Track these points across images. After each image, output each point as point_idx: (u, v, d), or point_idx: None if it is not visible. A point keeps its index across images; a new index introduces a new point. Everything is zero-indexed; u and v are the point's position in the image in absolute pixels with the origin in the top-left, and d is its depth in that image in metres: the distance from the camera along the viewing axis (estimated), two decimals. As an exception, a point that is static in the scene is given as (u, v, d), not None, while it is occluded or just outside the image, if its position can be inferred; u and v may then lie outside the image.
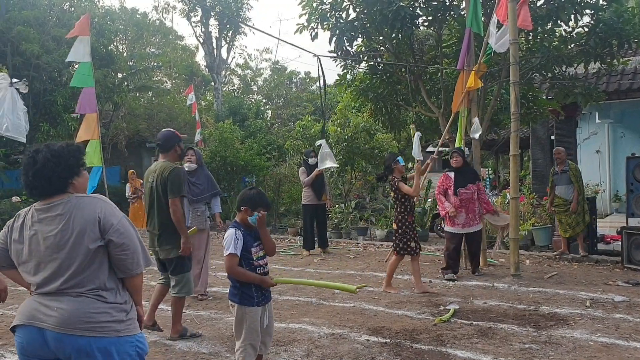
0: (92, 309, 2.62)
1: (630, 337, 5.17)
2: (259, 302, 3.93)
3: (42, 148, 2.73)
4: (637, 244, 8.43)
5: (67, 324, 2.57)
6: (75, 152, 2.79)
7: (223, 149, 16.34)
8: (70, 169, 2.74)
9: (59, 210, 2.66)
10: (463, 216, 8.08)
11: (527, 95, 10.44)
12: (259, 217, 3.94)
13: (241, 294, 3.92)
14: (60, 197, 2.70)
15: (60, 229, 2.63)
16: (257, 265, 3.94)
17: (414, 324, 5.76)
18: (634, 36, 9.04)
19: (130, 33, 25.75)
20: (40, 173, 2.67)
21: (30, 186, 2.71)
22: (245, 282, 3.90)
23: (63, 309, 2.59)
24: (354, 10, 10.05)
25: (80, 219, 2.64)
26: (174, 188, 5.30)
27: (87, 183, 2.87)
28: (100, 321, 2.61)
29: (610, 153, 15.59)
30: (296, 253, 10.65)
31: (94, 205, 2.70)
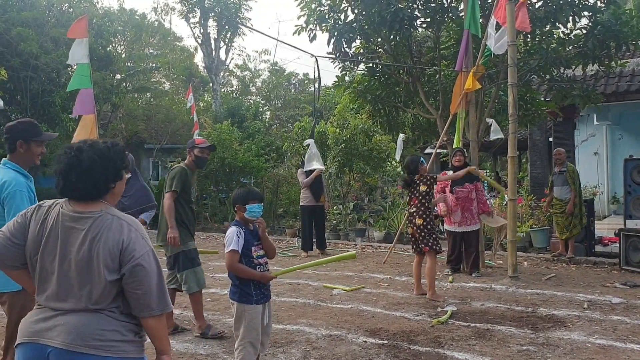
0: (103, 326, 2.40)
1: (627, 339, 5.18)
2: (257, 300, 3.94)
3: (86, 147, 2.50)
4: (634, 246, 8.44)
5: (74, 339, 2.36)
6: (120, 154, 2.59)
7: (221, 150, 16.34)
8: (117, 172, 2.55)
9: (87, 226, 2.42)
10: (459, 214, 8.30)
11: (525, 97, 10.45)
12: (258, 223, 3.99)
13: (240, 292, 3.94)
14: (93, 207, 2.47)
15: (84, 250, 2.40)
16: (257, 263, 3.96)
17: (411, 326, 5.76)
18: (632, 38, 9.07)
19: (129, 34, 25.73)
20: (86, 175, 2.44)
21: (70, 188, 2.47)
22: (244, 279, 3.92)
23: (72, 323, 2.38)
24: (352, 11, 10.06)
25: (105, 243, 2.40)
26: (168, 182, 5.71)
27: (124, 186, 2.67)
28: (110, 339, 2.40)
29: (608, 155, 15.61)
30: (294, 254, 10.65)
31: (121, 230, 2.44)
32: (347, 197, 16.16)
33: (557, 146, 12.37)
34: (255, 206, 3.97)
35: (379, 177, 17.87)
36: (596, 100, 10.06)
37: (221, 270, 9.08)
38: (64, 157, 2.50)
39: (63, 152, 2.52)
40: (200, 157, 5.87)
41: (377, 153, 15.27)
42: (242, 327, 3.92)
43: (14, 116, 17.45)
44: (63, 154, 2.51)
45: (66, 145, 2.57)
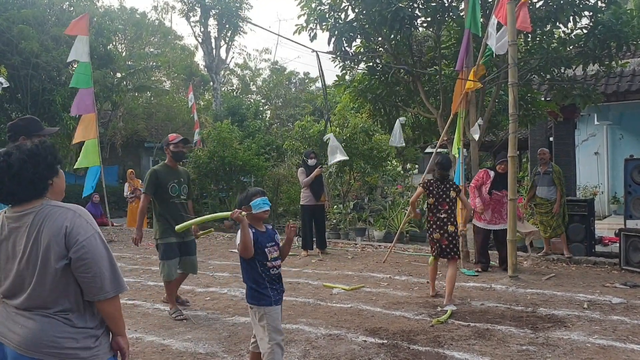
0: (58, 333, 2.42)
1: (627, 339, 5.17)
2: (276, 301, 3.92)
3: (13, 150, 2.48)
4: (634, 246, 8.43)
5: (29, 345, 2.40)
6: (51, 149, 2.56)
7: (221, 149, 16.33)
8: (50, 168, 2.52)
9: (29, 221, 2.44)
10: (489, 213, 8.60)
11: (525, 97, 10.45)
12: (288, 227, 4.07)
13: (258, 295, 3.90)
14: (34, 204, 2.47)
15: (31, 244, 2.42)
16: (270, 266, 3.94)
17: (411, 325, 5.76)
18: (633, 38, 9.05)
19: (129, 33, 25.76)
20: (18, 177, 2.43)
21: (6, 192, 2.46)
22: (261, 283, 3.90)
23: (28, 328, 2.42)
24: (352, 11, 10.04)
25: (48, 231, 2.41)
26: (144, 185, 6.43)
27: (64, 182, 2.68)
28: (65, 347, 2.42)
29: (609, 155, 15.61)
30: (294, 253, 10.62)
31: (63, 217, 2.45)
32: (347, 196, 16.15)
33: (557, 146, 12.39)
34: (259, 200, 3.94)
35: (379, 176, 17.85)
36: (597, 100, 10.06)
37: (221, 269, 9.08)
38: None
39: None
40: (177, 152, 6.40)
41: (377, 152, 15.25)
42: (266, 330, 3.86)
43: (14, 114, 17.45)
44: None
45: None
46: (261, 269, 3.88)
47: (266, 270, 3.91)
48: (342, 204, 15.37)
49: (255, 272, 3.90)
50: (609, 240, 10.80)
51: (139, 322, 6.05)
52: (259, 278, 3.90)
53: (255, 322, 3.94)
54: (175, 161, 6.45)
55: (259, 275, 3.90)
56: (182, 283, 6.77)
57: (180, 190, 6.39)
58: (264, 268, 3.89)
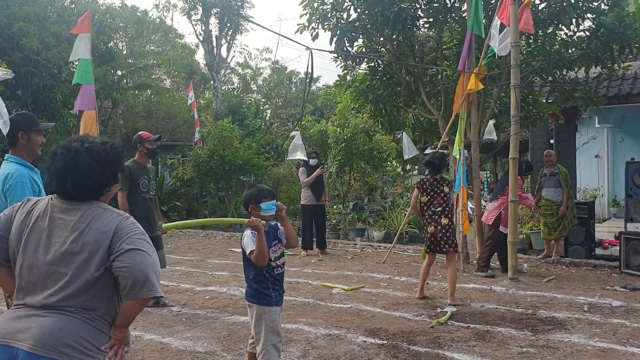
0: (79, 332, 2.28)
1: (627, 342, 5.16)
2: (277, 302, 3.87)
3: (83, 151, 2.39)
4: (635, 249, 8.42)
5: (45, 344, 2.21)
6: (120, 157, 2.51)
7: (222, 147, 16.32)
8: (113, 177, 2.48)
9: (77, 217, 2.34)
10: None
11: (527, 99, 10.43)
12: (279, 208, 3.85)
13: (260, 294, 3.84)
14: (84, 203, 2.39)
15: (72, 240, 2.31)
16: (275, 266, 3.88)
17: (411, 326, 5.74)
18: (635, 41, 9.03)
19: (130, 31, 25.69)
20: (82, 181, 2.36)
21: (64, 191, 2.39)
22: (263, 282, 3.83)
23: (45, 326, 2.24)
24: (355, 10, 10.03)
25: (95, 232, 2.32)
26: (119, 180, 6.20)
27: (118, 187, 2.63)
28: (83, 347, 2.27)
29: (609, 158, 15.58)
30: (294, 253, 10.61)
31: (113, 220, 2.37)
32: (347, 196, 16.14)
33: (558, 148, 12.38)
34: (269, 204, 3.86)
35: (379, 177, 17.84)
36: (599, 103, 10.04)
37: (220, 268, 9.07)
38: (60, 158, 2.40)
39: (59, 152, 2.41)
40: (152, 149, 6.74)
41: (377, 153, 15.23)
42: (263, 330, 3.81)
43: (14, 111, 17.41)
44: (59, 154, 2.40)
45: (63, 144, 2.46)
46: (265, 268, 3.81)
47: (270, 270, 3.85)
48: (342, 204, 15.36)
49: (258, 271, 3.83)
50: (609, 243, 10.78)
51: (138, 320, 6.02)
52: (261, 277, 3.84)
53: (253, 322, 3.89)
54: (149, 158, 6.82)
55: (262, 274, 3.84)
56: None
57: (150, 186, 6.60)
58: (268, 268, 3.83)
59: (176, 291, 7.48)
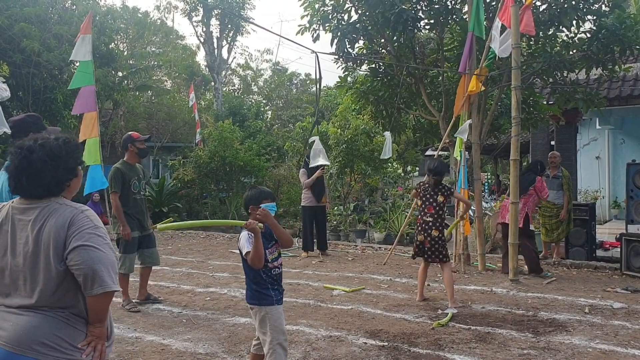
0: (53, 330, 2.31)
1: (628, 344, 5.15)
2: (278, 301, 3.88)
3: (36, 147, 2.39)
4: (636, 251, 8.41)
5: (20, 342, 2.26)
6: (75, 152, 2.49)
7: (222, 149, 16.33)
8: (70, 172, 2.46)
9: (34, 216, 2.35)
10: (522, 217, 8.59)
11: (527, 100, 10.43)
12: (260, 211, 3.81)
13: (259, 295, 3.86)
14: (42, 201, 2.39)
15: (32, 240, 2.33)
16: (272, 267, 3.89)
17: (411, 328, 5.74)
18: (636, 43, 9.03)
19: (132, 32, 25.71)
20: (37, 178, 2.36)
21: (21, 190, 2.40)
22: (262, 283, 3.85)
23: (20, 324, 2.28)
24: (355, 12, 10.04)
25: (49, 229, 2.32)
26: (109, 183, 6.69)
27: (80, 182, 2.58)
28: (58, 345, 2.30)
29: (610, 159, 15.58)
30: (294, 254, 10.61)
31: (67, 214, 2.36)
32: (348, 198, 16.14)
33: (558, 150, 12.35)
34: (269, 205, 3.87)
35: (380, 178, 17.84)
36: (599, 104, 10.04)
37: (221, 270, 9.07)
38: (15, 157, 2.41)
39: (14, 151, 2.42)
40: (143, 149, 6.82)
41: (378, 154, 15.22)
42: (268, 330, 3.82)
43: (15, 112, 17.43)
44: (14, 153, 2.41)
45: (18, 143, 2.46)
46: (262, 270, 3.83)
47: (268, 271, 3.86)
48: (342, 205, 15.35)
49: (256, 273, 3.85)
50: (609, 245, 10.78)
51: (139, 322, 6.03)
52: (260, 279, 3.85)
53: (257, 323, 3.90)
54: (139, 158, 6.90)
55: (260, 276, 3.85)
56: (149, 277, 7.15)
57: (140, 187, 6.69)
58: (266, 269, 3.84)
59: (177, 292, 7.48)
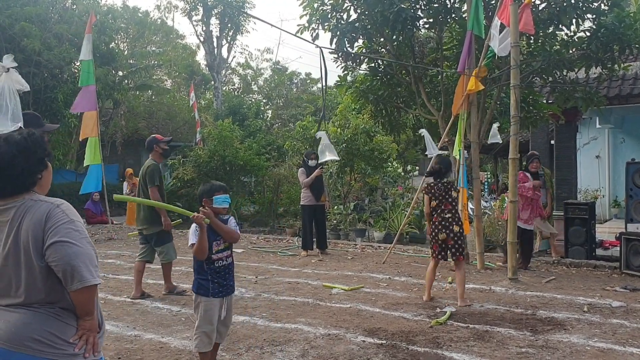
0: (44, 326, 2.32)
1: (627, 343, 5.15)
2: (214, 294, 4.11)
3: (1, 142, 2.38)
4: (635, 250, 8.42)
5: (13, 339, 2.27)
6: (40, 143, 2.46)
7: (222, 148, 16.34)
8: (40, 162, 2.44)
9: (11, 215, 2.34)
10: (527, 213, 8.84)
11: (527, 99, 10.42)
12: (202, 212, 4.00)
13: (198, 284, 4.15)
14: (16, 198, 2.37)
15: (11, 241, 2.32)
16: (215, 259, 4.13)
17: (410, 326, 5.74)
18: (636, 41, 9.02)
19: (132, 31, 25.77)
20: (7, 171, 2.34)
21: None
22: (202, 272, 4.12)
23: (11, 322, 2.30)
24: (354, 11, 10.02)
25: (27, 226, 2.31)
26: (148, 180, 7.07)
27: (51, 175, 2.56)
28: (53, 342, 2.32)
29: (610, 158, 15.56)
30: (294, 253, 10.63)
31: (44, 209, 2.35)
32: (348, 197, 16.16)
33: (558, 149, 12.37)
34: (221, 197, 4.14)
35: (380, 177, 17.86)
36: (599, 103, 10.03)
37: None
38: None
39: None
40: (166, 150, 7.45)
41: (378, 153, 15.26)
42: (198, 317, 4.11)
43: (15, 111, 17.44)
44: None
45: None
46: (206, 261, 4.09)
47: (210, 263, 4.10)
48: (342, 204, 15.37)
49: (199, 263, 4.13)
50: (609, 244, 10.77)
51: (138, 320, 6.04)
52: (201, 269, 4.13)
53: (193, 308, 4.23)
54: (163, 158, 7.63)
55: (202, 266, 4.12)
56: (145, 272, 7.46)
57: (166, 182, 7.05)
58: (208, 261, 4.09)
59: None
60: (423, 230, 13.33)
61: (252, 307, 6.49)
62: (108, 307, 6.48)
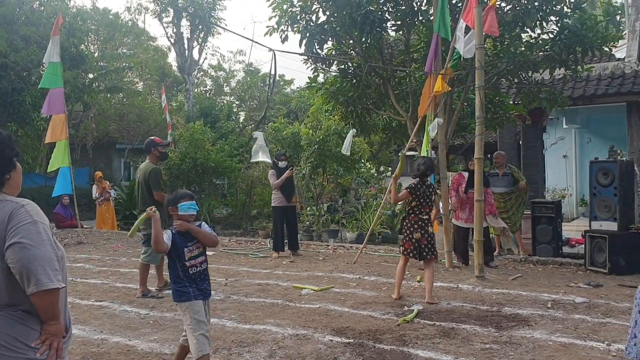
0: (7, 329, 2.31)
1: (587, 337, 5.28)
2: (196, 296, 4.10)
3: None
4: (599, 247, 8.59)
5: None
6: (8, 142, 2.44)
7: (193, 150, 16.24)
8: (8, 162, 2.43)
9: None
10: (467, 212, 8.93)
11: (494, 100, 10.58)
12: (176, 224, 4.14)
13: (178, 293, 4.12)
14: None
15: None
16: (189, 265, 4.12)
17: (377, 325, 5.80)
18: (597, 43, 9.23)
19: (102, 33, 25.52)
20: None
21: None
22: (179, 280, 4.11)
23: None
24: (323, 13, 10.09)
25: None
26: (155, 184, 7.16)
27: (21, 176, 2.55)
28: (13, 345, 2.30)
29: (577, 158, 15.85)
30: (265, 255, 10.63)
31: (8, 209, 2.33)
32: (321, 198, 16.19)
33: (525, 149, 12.59)
34: (186, 204, 4.15)
35: (352, 178, 17.94)
36: (563, 104, 10.23)
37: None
38: None
39: None
40: (164, 153, 7.54)
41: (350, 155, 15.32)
42: (192, 323, 4.05)
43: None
44: None
45: None
46: (180, 269, 4.10)
47: (185, 270, 4.11)
48: (315, 206, 15.41)
49: (175, 272, 4.14)
50: (575, 241, 10.99)
51: (105, 324, 6.00)
52: (177, 278, 4.13)
53: (182, 318, 4.16)
54: (161, 161, 7.71)
55: (178, 275, 4.12)
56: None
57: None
58: (183, 268, 4.10)
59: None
60: (395, 230, 13.43)
61: (221, 309, 6.49)
62: (75, 311, 6.43)
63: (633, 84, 12.08)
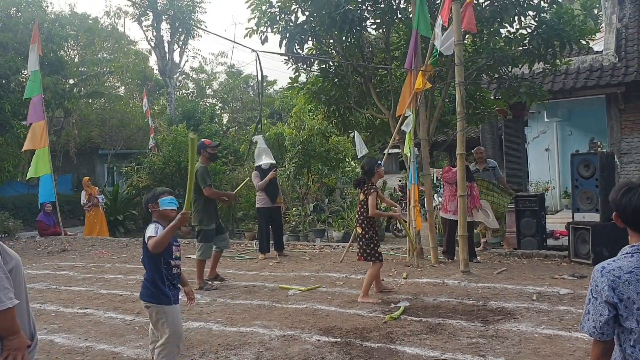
0: None
1: (572, 328, 5.31)
2: (175, 301, 4.01)
3: None
4: (582, 238, 8.66)
5: None
6: None
7: (177, 153, 16.18)
8: None
9: None
10: (454, 205, 8.85)
11: (474, 96, 10.63)
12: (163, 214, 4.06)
13: (156, 293, 3.96)
14: None
15: None
16: (174, 265, 4.07)
17: (364, 323, 5.81)
18: (574, 37, 9.31)
19: (82, 38, 25.29)
20: None
21: None
22: (159, 280, 3.96)
23: None
24: (302, 13, 10.07)
25: None
26: (201, 181, 7.67)
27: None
28: None
29: (559, 151, 16.01)
30: (252, 257, 10.60)
31: None
32: (307, 198, 16.19)
33: (507, 143, 12.68)
34: (167, 198, 4.10)
35: (337, 177, 17.95)
36: (542, 98, 10.31)
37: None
38: None
39: None
40: (214, 154, 8.11)
41: (334, 154, 15.34)
42: (166, 331, 3.92)
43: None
44: None
45: None
46: (165, 267, 3.98)
47: (169, 269, 4.01)
48: (301, 206, 15.40)
49: (158, 270, 3.97)
50: (560, 233, 11.08)
51: (90, 331, 5.95)
52: (160, 276, 3.97)
53: (153, 322, 4.03)
54: (211, 161, 8.33)
55: (161, 273, 3.98)
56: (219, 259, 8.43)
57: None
58: (168, 266, 3.99)
59: (130, 300, 7.38)
60: (381, 227, 13.46)
61: (207, 313, 6.47)
62: (59, 320, 6.38)
63: (611, 76, 12.22)
